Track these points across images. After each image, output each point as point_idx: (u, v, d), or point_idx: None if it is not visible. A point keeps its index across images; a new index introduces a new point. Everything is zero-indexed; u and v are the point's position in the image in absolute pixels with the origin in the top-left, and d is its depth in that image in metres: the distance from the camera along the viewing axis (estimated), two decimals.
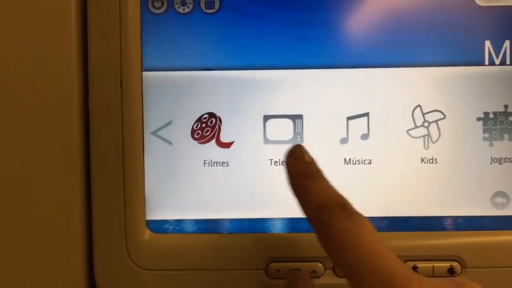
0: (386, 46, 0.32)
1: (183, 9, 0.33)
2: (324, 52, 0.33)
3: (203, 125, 0.33)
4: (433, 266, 0.32)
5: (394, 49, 0.32)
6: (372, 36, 0.32)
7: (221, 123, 0.33)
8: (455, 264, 0.32)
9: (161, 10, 0.33)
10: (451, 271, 0.32)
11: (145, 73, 0.33)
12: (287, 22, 0.33)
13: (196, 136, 0.33)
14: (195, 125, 0.33)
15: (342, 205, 0.25)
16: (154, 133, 0.33)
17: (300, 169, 0.28)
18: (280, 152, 0.33)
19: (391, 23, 0.32)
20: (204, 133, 0.33)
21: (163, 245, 0.33)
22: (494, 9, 0.32)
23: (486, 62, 0.33)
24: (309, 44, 0.33)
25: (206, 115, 0.33)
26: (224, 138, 0.33)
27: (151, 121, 0.33)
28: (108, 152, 0.32)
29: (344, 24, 0.32)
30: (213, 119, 0.33)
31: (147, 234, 0.33)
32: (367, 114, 0.33)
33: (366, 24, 0.32)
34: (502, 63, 0.33)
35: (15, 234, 0.32)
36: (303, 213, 0.27)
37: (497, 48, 0.33)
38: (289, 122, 0.33)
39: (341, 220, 0.25)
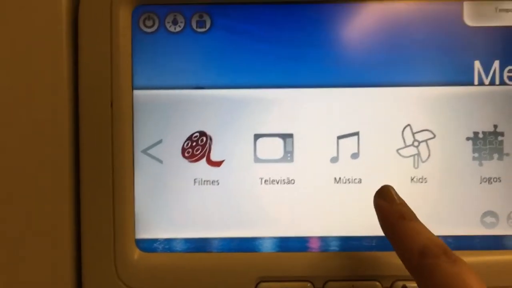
0: (376, 66, 0.33)
1: (175, 28, 0.33)
2: (315, 72, 0.33)
3: (194, 143, 0.33)
4: None
5: (384, 68, 0.33)
6: (362, 56, 0.33)
7: (211, 141, 0.33)
8: None
9: (153, 29, 0.33)
10: None
11: (135, 92, 0.33)
12: (278, 41, 0.33)
13: (186, 155, 0.33)
14: (186, 143, 0.33)
15: (444, 250, 0.25)
16: (145, 151, 0.33)
17: (394, 211, 0.28)
18: (271, 171, 0.33)
19: (381, 43, 0.33)
20: (194, 152, 0.33)
21: (153, 264, 0.32)
22: (483, 29, 0.33)
23: (476, 82, 0.33)
24: (300, 63, 0.33)
25: (197, 134, 0.33)
26: (214, 157, 0.33)
27: (142, 139, 0.33)
28: (98, 170, 0.32)
29: (335, 44, 0.33)
30: (204, 138, 0.33)
31: (137, 253, 0.32)
32: (357, 133, 0.33)
33: (357, 44, 0.33)
34: (492, 83, 0.33)
35: (2, 251, 0.32)
36: (400, 257, 0.27)
37: (487, 68, 0.33)
38: (279, 141, 0.33)
39: (445, 266, 0.24)
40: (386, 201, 0.28)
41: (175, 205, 0.33)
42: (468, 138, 0.33)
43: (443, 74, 0.33)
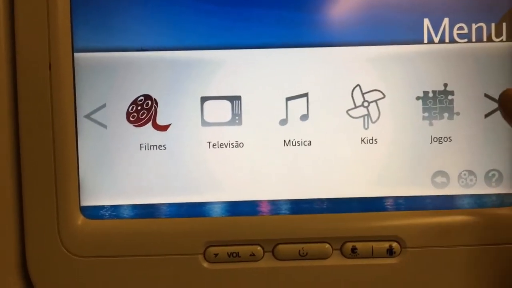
0: (325, 25, 0.32)
1: None
2: (262, 32, 0.32)
3: (139, 107, 0.32)
4: (372, 246, 0.32)
5: (332, 28, 0.32)
6: (310, 15, 0.32)
7: (157, 105, 0.32)
8: (394, 244, 0.32)
9: None
10: (390, 251, 0.32)
11: (76, 54, 0.31)
12: (223, 2, 0.32)
13: (131, 119, 0.32)
14: (131, 107, 0.32)
15: None
16: (88, 116, 0.32)
17: None
18: (218, 134, 0.32)
19: (329, 2, 0.32)
20: (140, 116, 0.32)
21: (98, 231, 0.32)
22: None
23: (425, 40, 0.32)
24: (246, 24, 0.32)
25: (142, 97, 0.32)
26: (160, 121, 0.32)
27: (85, 104, 0.32)
28: (38, 136, 0.31)
29: (282, 4, 0.32)
30: (149, 102, 0.32)
31: (80, 220, 0.32)
32: (306, 95, 0.32)
33: (304, 3, 0.32)
34: (441, 41, 0.32)
35: None
36: None
37: (436, 25, 0.32)
38: (227, 103, 0.32)
39: None
40: None
41: (121, 171, 0.32)
42: (418, 98, 0.33)
43: (393, 32, 0.32)
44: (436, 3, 0.32)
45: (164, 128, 0.32)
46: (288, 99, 0.32)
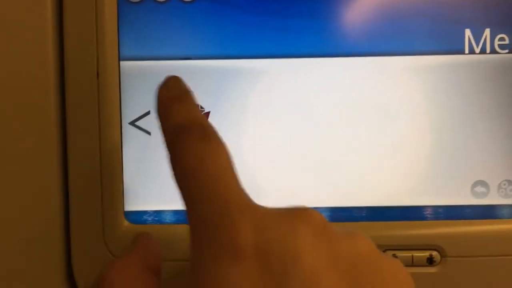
0: (364, 35, 0.32)
1: None
2: (301, 42, 0.32)
3: None
4: (412, 255, 0.32)
5: (372, 38, 0.32)
6: (351, 25, 0.32)
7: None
8: (434, 253, 0.32)
9: None
10: (430, 260, 0.32)
11: (122, 63, 0.32)
12: (264, 12, 0.32)
13: None
14: None
15: (200, 125, 0.23)
16: (133, 123, 0.33)
17: (170, 95, 0.25)
18: (260, 141, 0.33)
19: (369, 13, 0.32)
20: None
21: None
22: None
23: (466, 51, 0.32)
24: (285, 34, 0.32)
25: None
26: None
27: (130, 111, 0.33)
28: (85, 143, 0.31)
29: (323, 14, 0.32)
30: None
31: (125, 224, 0.32)
32: (344, 103, 0.33)
33: (346, 13, 0.32)
34: (482, 51, 0.32)
35: None
36: (163, 137, 0.24)
37: (477, 36, 0.32)
38: (268, 110, 0.33)
39: (193, 140, 0.22)
40: (167, 90, 0.25)
41: (164, 177, 0.33)
42: (457, 107, 0.33)
43: (433, 42, 0.32)
44: (477, 14, 0.32)
45: None
46: (325, 107, 0.33)
